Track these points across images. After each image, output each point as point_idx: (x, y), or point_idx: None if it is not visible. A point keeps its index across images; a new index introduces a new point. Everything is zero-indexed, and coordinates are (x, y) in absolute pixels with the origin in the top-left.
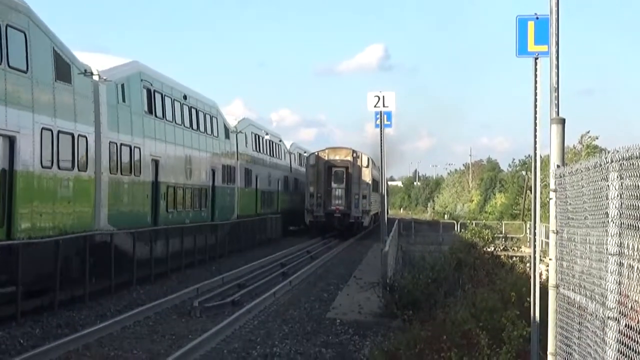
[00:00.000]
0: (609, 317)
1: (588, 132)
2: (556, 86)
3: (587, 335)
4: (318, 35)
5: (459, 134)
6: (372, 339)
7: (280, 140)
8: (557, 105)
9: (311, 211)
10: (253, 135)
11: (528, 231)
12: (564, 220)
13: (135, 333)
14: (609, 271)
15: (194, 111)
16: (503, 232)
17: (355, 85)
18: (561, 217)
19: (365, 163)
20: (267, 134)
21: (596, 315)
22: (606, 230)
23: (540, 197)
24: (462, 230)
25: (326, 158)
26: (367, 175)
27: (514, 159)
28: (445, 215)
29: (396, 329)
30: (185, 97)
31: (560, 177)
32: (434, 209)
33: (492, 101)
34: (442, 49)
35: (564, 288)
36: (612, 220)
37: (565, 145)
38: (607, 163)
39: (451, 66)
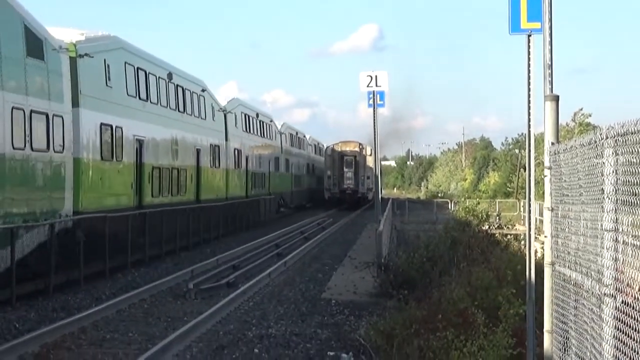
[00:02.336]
0: (605, 294)
1: (581, 109)
2: (550, 63)
3: (583, 312)
4: (312, 15)
5: (452, 114)
6: (368, 319)
7: (271, 121)
8: (551, 83)
9: (329, 189)
10: (243, 116)
11: (521, 209)
12: (558, 198)
13: (131, 316)
14: (605, 247)
15: (180, 90)
16: (497, 210)
17: (348, 66)
18: (556, 194)
19: (368, 152)
20: (257, 114)
21: (592, 292)
22: (602, 207)
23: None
24: (456, 208)
25: (339, 149)
26: (370, 162)
27: (507, 138)
28: (439, 194)
29: (392, 309)
30: (170, 76)
31: (555, 154)
32: (427, 188)
33: (485, 80)
34: (436, 28)
35: (559, 265)
36: (607, 196)
37: (559, 123)
38: (602, 139)
39: (444, 45)
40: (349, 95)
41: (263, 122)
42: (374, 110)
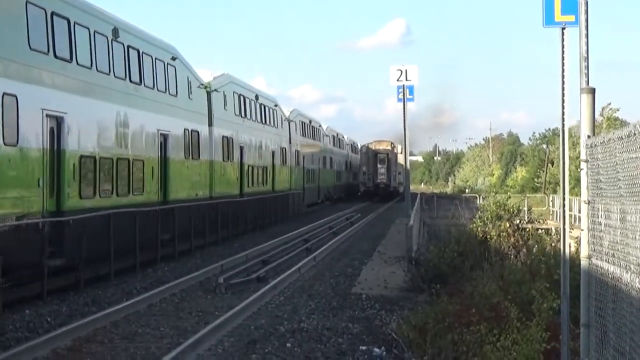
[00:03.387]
0: None
1: (609, 104)
2: (586, 56)
3: (622, 306)
4: (339, 11)
5: (480, 109)
6: (399, 314)
7: (275, 105)
8: (587, 75)
9: (364, 183)
10: (236, 96)
11: (550, 204)
12: (595, 191)
13: (162, 310)
14: None
15: (129, 51)
16: (527, 205)
17: (376, 61)
18: (592, 188)
19: (399, 150)
20: (257, 95)
21: (632, 286)
22: None
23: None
24: (486, 203)
25: (373, 148)
26: (400, 159)
27: (534, 133)
28: (467, 190)
29: (423, 303)
30: (115, 32)
31: (592, 147)
32: (454, 183)
33: (514, 74)
34: (463, 22)
35: (596, 259)
36: None
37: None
38: None
39: (472, 40)
40: (376, 90)
41: (265, 106)
42: (404, 105)
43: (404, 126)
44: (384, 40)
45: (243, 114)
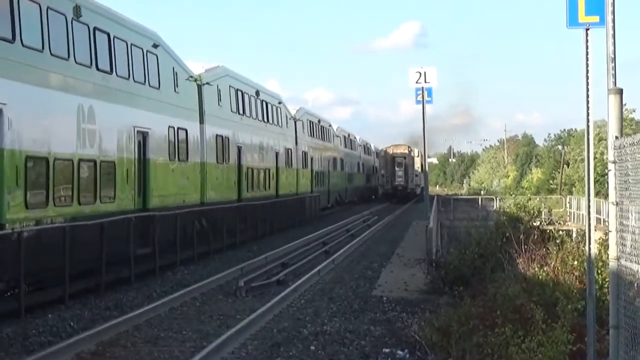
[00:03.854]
0: None
1: (625, 104)
2: (612, 56)
3: None
4: (353, 12)
5: (495, 110)
6: (420, 316)
7: (280, 102)
8: (614, 76)
9: (383, 185)
10: (232, 91)
11: (567, 205)
12: (623, 192)
13: (183, 314)
14: None
15: (95, 34)
16: (545, 206)
17: (390, 63)
18: (620, 189)
19: (416, 154)
20: (257, 91)
21: None
22: None
23: (578, 171)
24: (503, 204)
25: (391, 152)
26: (417, 162)
27: (549, 134)
28: (482, 192)
29: (444, 305)
30: (77, 10)
31: (620, 148)
32: (469, 185)
33: (528, 76)
34: (478, 24)
35: (625, 260)
36: None
37: (600, 118)
38: None
39: (487, 42)
40: (391, 92)
41: (267, 103)
42: (423, 107)
43: (423, 128)
44: (398, 42)
45: (241, 111)
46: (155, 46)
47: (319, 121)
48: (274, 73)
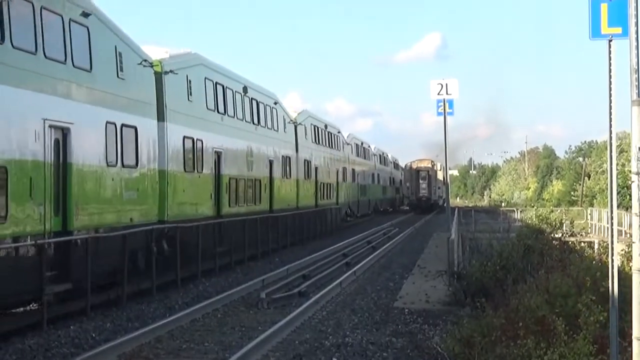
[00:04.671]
0: None
1: None
2: (636, 67)
3: None
4: (376, 25)
5: (515, 122)
6: (442, 328)
7: (275, 103)
8: (638, 87)
9: (408, 197)
10: (209, 84)
11: (589, 217)
12: None
13: (205, 325)
14: None
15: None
16: (566, 218)
17: (412, 75)
18: None
19: (438, 168)
20: (245, 87)
21: None
22: None
23: (599, 183)
24: (525, 216)
25: (415, 166)
26: (439, 175)
27: (570, 146)
28: (503, 204)
29: (466, 317)
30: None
31: None
32: (490, 197)
33: (549, 87)
34: (499, 35)
35: None
36: None
37: (621, 129)
38: None
39: (509, 54)
40: (412, 104)
41: (260, 104)
42: (444, 118)
43: (445, 139)
44: (420, 53)
45: (222, 110)
46: (85, 15)
47: (326, 126)
48: (296, 85)
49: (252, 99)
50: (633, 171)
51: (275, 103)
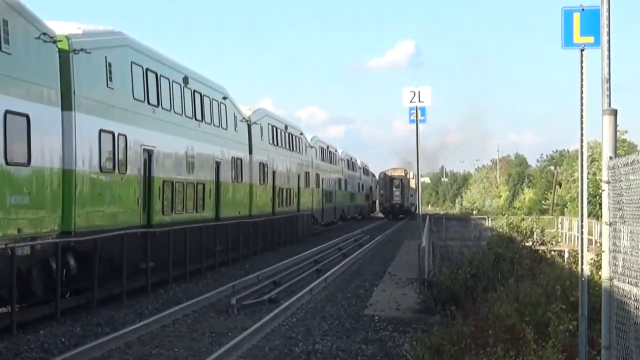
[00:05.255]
0: None
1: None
2: (608, 77)
3: None
4: (349, 32)
5: (487, 130)
6: (412, 335)
7: (225, 98)
8: (609, 97)
9: (382, 204)
10: (135, 68)
11: (559, 226)
12: (616, 212)
13: (175, 331)
14: None
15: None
16: (537, 226)
17: (384, 82)
18: (614, 209)
19: (411, 176)
20: (185, 77)
21: None
22: None
23: (570, 192)
24: (495, 224)
25: (390, 174)
26: (412, 183)
27: (542, 154)
28: (474, 211)
29: (436, 325)
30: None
31: (614, 168)
32: (462, 205)
33: (521, 96)
34: (473, 44)
35: (618, 280)
36: None
37: (593, 138)
38: None
39: (481, 62)
40: (385, 111)
41: (204, 97)
42: (417, 126)
43: (417, 147)
44: (393, 61)
45: (152, 101)
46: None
47: (286, 127)
48: (269, 92)
49: (194, 91)
50: (604, 180)
51: (225, 98)
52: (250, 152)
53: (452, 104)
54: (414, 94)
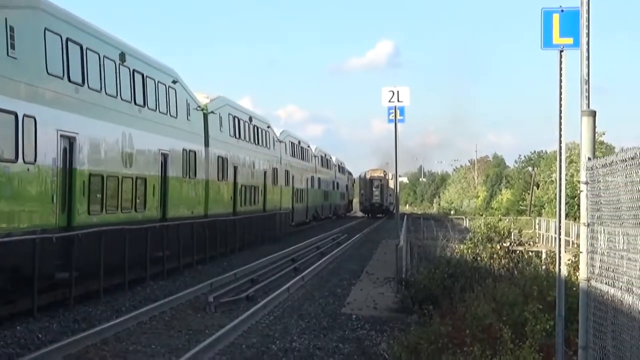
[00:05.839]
0: None
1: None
2: (587, 78)
3: (622, 329)
4: (329, 33)
5: (465, 131)
6: (389, 334)
7: (175, 82)
8: (588, 98)
9: (362, 203)
10: (54, 41)
11: (537, 227)
12: (594, 213)
13: (152, 328)
14: None
15: None
16: (515, 227)
17: (364, 82)
18: (592, 210)
19: (390, 177)
20: (122, 55)
21: (634, 308)
22: None
23: (547, 193)
24: (473, 224)
25: (369, 175)
26: (391, 184)
27: (520, 155)
28: (452, 211)
29: (414, 324)
30: None
31: (592, 169)
32: (439, 205)
33: (499, 98)
34: (452, 45)
35: (595, 281)
36: None
37: (571, 140)
38: None
39: (460, 63)
40: (364, 111)
41: (146, 78)
42: (395, 126)
43: (395, 147)
44: (372, 61)
45: (76, 78)
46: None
47: (251, 119)
48: (248, 91)
49: (134, 71)
50: (582, 181)
51: (175, 82)
52: (207, 144)
53: (431, 104)
54: (393, 93)
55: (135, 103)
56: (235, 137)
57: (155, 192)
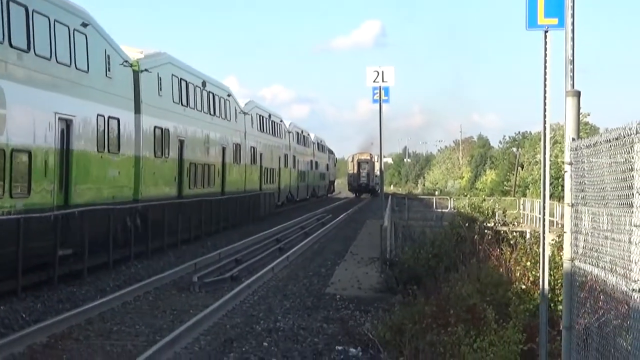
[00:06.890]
0: (634, 290)
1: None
2: (571, 59)
3: (606, 308)
4: (314, 11)
5: (450, 111)
6: (374, 314)
7: (84, 25)
8: (572, 78)
9: (350, 183)
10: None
11: (521, 207)
12: (578, 194)
13: (137, 308)
14: (634, 243)
15: None
16: (499, 207)
17: (349, 63)
18: (576, 190)
19: (376, 160)
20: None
21: (617, 288)
22: (630, 202)
23: (532, 174)
24: (457, 205)
25: (357, 159)
26: (377, 166)
27: (504, 136)
28: (436, 192)
29: (398, 304)
30: None
31: (576, 149)
32: (424, 185)
33: (484, 78)
34: (438, 25)
35: (579, 261)
36: (638, 191)
37: (556, 121)
38: (632, 134)
39: (446, 43)
40: (349, 91)
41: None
42: (380, 106)
43: (380, 127)
44: (358, 41)
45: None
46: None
47: (204, 83)
48: (233, 70)
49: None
50: (566, 161)
51: (85, 25)
52: (138, 111)
53: (417, 85)
54: (378, 73)
55: (11, 46)
56: (182, 105)
57: (47, 169)
